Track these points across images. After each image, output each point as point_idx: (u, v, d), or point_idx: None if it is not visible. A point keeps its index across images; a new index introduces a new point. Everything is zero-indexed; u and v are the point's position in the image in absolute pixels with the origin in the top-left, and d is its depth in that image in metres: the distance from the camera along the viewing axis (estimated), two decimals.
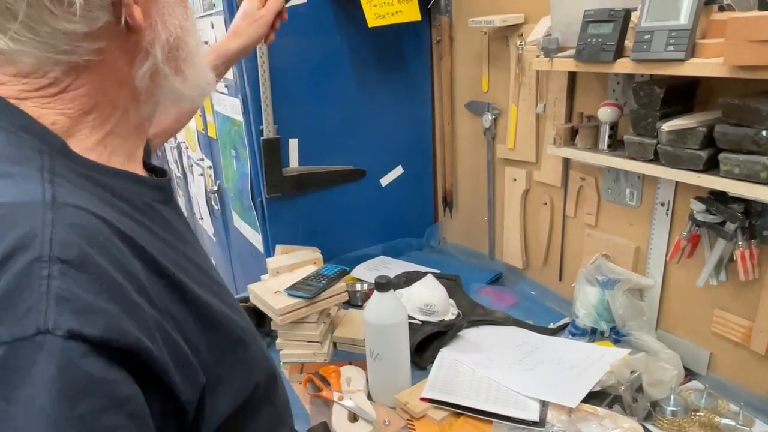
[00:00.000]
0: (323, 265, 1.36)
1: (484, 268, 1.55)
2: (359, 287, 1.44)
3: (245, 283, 1.30)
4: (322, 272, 1.24)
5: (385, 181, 1.63)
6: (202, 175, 2.03)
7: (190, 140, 2.11)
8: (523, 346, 1.15)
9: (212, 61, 0.95)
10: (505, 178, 1.43)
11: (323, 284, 1.17)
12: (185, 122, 1.11)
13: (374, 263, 1.60)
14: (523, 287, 1.44)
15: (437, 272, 1.48)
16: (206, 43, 1.52)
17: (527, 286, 1.44)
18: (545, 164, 1.31)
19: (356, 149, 1.55)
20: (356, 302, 1.39)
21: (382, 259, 1.64)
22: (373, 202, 1.62)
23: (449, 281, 1.42)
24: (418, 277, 1.35)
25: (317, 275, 1.22)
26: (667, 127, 0.91)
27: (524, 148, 1.35)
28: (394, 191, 1.65)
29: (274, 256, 1.45)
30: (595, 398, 0.97)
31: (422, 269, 1.50)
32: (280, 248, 1.47)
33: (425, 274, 1.37)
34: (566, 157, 1.19)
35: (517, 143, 1.37)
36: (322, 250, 1.46)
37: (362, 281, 1.47)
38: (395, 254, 1.66)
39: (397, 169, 1.64)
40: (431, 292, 1.26)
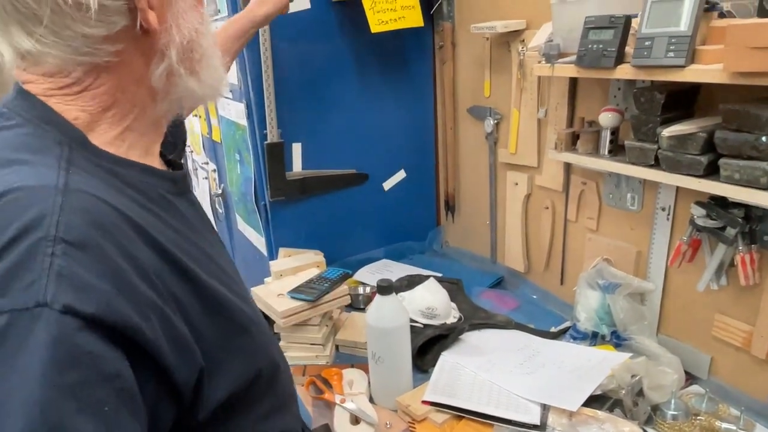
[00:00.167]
0: (326, 268, 1.37)
1: (485, 271, 1.56)
2: (362, 290, 1.45)
3: (248, 285, 1.28)
4: (324, 275, 1.25)
5: (387, 185, 1.64)
6: (206, 178, 2.04)
7: (194, 144, 2.13)
8: (524, 349, 1.15)
9: (243, 25, 1.09)
10: (506, 182, 1.44)
11: (326, 287, 1.18)
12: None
13: (377, 266, 1.61)
14: (524, 291, 1.45)
15: (439, 276, 1.49)
16: None
17: (529, 289, 1.44)
18: (547, 169, 1.32)
19: (359, 153, 1.56)
20: (359, 305, 1.40)
21: (384, 262, 1.65)
22: (375, 205, 1.63)
23: (451, 285, 1.42)
24: (420, 280, 1.36)
25: (320, 278, 1.23)
26: (667, 132, 0.92)
27: (526, 152, 1.36)
28: (396, 195, 1.66)
29: (277, 259, 1.46)
30: (595, 402, 0.97)
31: (424, 273, 1.51)
32: (283, 251, 1.48)
33: (427, 277, 1.38)
34: (567, 162, 1.19)
35: (518, 148, 1.37)
36: (325, 253, 1.47)
37: (365, 284, 1.48)
38: (398, 258, 1.67)
39: (399, 173, 1.65)
40: (433, 295, 1.26)
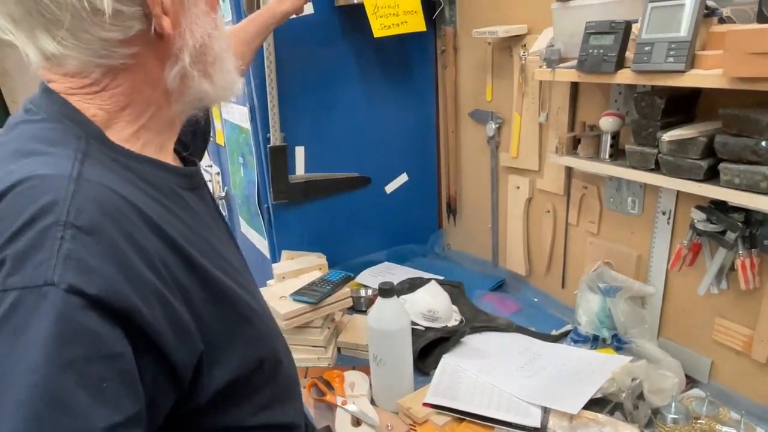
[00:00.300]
0: (328, 270, 1.38)
1: (487, 274, 1.56)
2: (363, 293, 1.45)
3: None
4: (326, 278, 1.26)
5: (390, 188, 1.65)
6: (210, 181, 2.06)
7: None
8: (525, 352, 1.16)
9: (263, 22, 1.12)
10: (508, 185, 1.45)
11: (328, 290, 1.19)
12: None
13: (379, 269, 1.62)
14: (526, 294, 1.45)
15: (441, 278, 1.49)
16: None
17: (530, 293, 1.45)
18: (548, 173, 1.32)
19: (361, 157, 1.57)
20: (360, 308, 1.41)
21: (386, 265, 1.65)
22: (377, 208, 1.64)
23: (452, 288, 1.43)
24: (421, 283, 1.37)
25: (322, 281, 1.24)
26: (667, 137, 0.93)
27: (527, 156, 1.36)
28: (398, 198, 1.66)
29: (280, 261, 1.47)
30: (596, 405, 0.97)
31: (426, 275, 1.51)
32: (285, 254, 1.49)
33: (429, 280, 1.38)
34: (568, 165, 1.20)
35: (520, 152, 1.38)
36: (327, 256, 1.47)
37: (366, 287, 1.48)
38: (400, 260, 1.67)
39: (401, 176, 1.66)
40: (434, 298, 1.27)
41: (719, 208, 0.94)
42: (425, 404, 1.01)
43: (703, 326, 1.05)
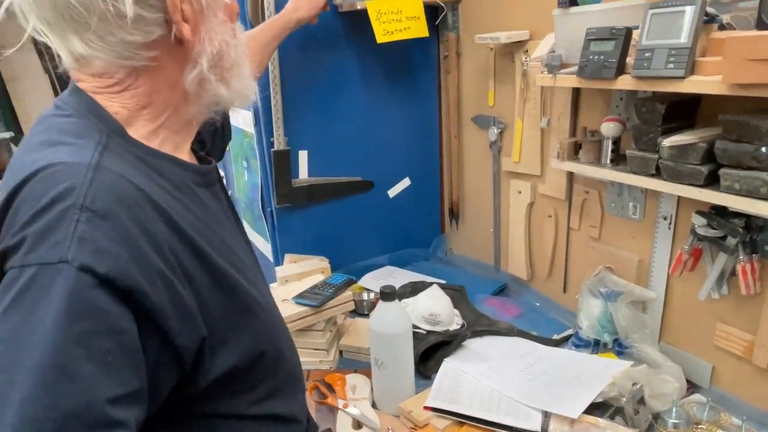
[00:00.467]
0: (330, 274, 1.39)
1: (489, 279, 1.57)
2: (366, 296, 1.46)
3: None
4: (329, 281, 1.26)
5: (392, 192, 1.66)
6: None
7: None
8: (526, 356, 1.16)
9: (278, 28, 1.17)
10: (510, 190, 1.45)
11: (330, 293, 1.20)
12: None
13: (381, 273, 1.62)
14: (527, 298, 1.46)
15: (443, 282, 1.49)
16: None
17: (532, 297, 1.45)
18: (550, 177, 1.33)
19: (364, 161, 1.58)
20: (363, 311, 1.41)
21: (389, 269, 1.66)
22: (380, 213, 1.65)
23: (454, 291, 1.43)
24: (423, 287, 1.37)
25: (324, 284, 1.25)
26: (668, 142, 0.93)
27: (529, 161, 1.37)
28: (401, 202, 1.67)
29: (283, 264, 1.48)
30: (597, 409, 0.97)
31: (428, 279, 1.52)
32: (288, 257, 1.50)
33: (431, 284, 1.39)
34: (570, 170, 1.20)
35: (522, 157, 1.39)
36: (330, 259, 1.48)
37: (369, 290, 1.49)
38: (402, 264, 1.68)
39: (404, 180, 1.67)
40: (436, 302, 1.27)
41: (720, 213, 0.95)
42: (426, 408, 1.01)
43: (704, 331, 1.05)
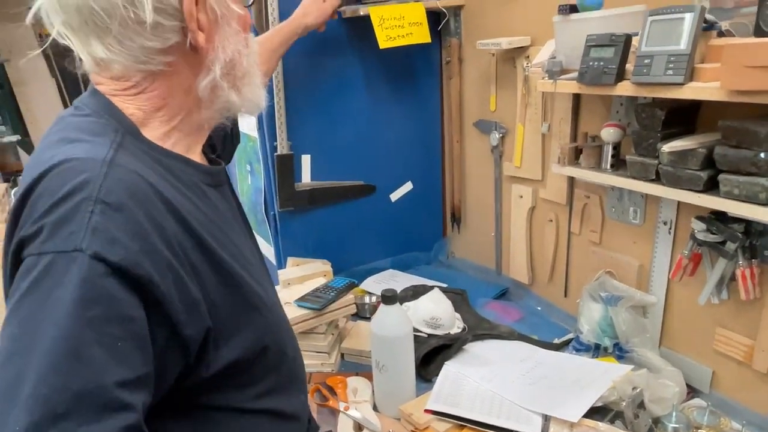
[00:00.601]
0: (333, 277, 1.40)
1: (490, 282, 1.57)
2: (368, 300, 1.47)
3: None
4: (331, 284, 1.27)
5: (394, 196, 1.67)
6: None
7: None
8: (527, 360, 1.17)
9: (287, 33, 1.21)
10: (511, 195, 1.46)
11: (332, 296, 1.21)
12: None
13: (383, 276, 1.63)
14: (529, 302, 1.46)
15: (445, 286, 1.50)
16: None
17: (533, 301, 1.46)
18: (551, 182, 1.34)
19: (367, 165, 1.59)
20: (365, 314, 1.42)
21: (390, 272, 1.67)
22: (382, 216, 1.65)
23: (456, 295, 1.44)
24: (424, 290, 1.38)
25: (326, 287, 1.26)
26: (667, 148, 0.94)
27: (530, 166, 1.38)
28: (403, 206, 1.68)
29: (285, 268, 1.49)
30: (597, 413, 0.98)
31: (430, 283, 1.53)
32: (291, 260, 1.51)
33: (432, 287, 1.40)
34: (570, 175, 1.21)
35: (523, 161, 1.40)
36: (332, 262, 1.49)
37: (371, 294, 1.50)
38: (404, 268, 1.69)
39: (406, 184, 1.68)
40: (437, 305, 1.28)
41: (719, 218, 0.95)
42: (427, 411, 1.02)
43: (704, 336, 1.05)
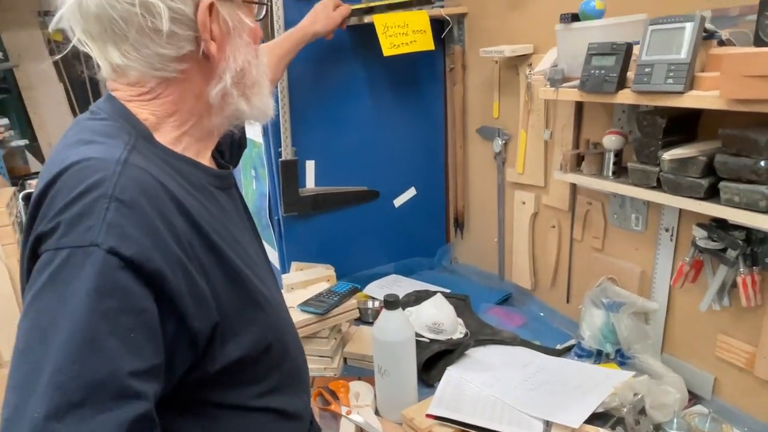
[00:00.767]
0: (336, 282, 1.41)
1: (493, 288, 1.58)
2: (371, 304, 1.47)
3: None
4: (334, 289, 1.28)
5: (398, 201, 1.68)
6: None
7: None
8: (529, 366, 1.17)
9: (296, 40, 1.24)
10: (514, 201, 1.47)
11: (335, 301, 1.22)
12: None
13: (386, 281, 1.64)
14: (531, 308, 1.47)
15: (447, 291, 1.51)
16: None
17: (536, 307, 1.46)
18: (553, 189, 1.34)
19: (371, 171, 1.60)
20: (367, 319, 1.43)
21: (394, 277, 1.67)
22: (386, 222, 1.67)
23: (458, 300, 1.45)
24: (427, 295, 1.39)
25: (329, 292, 1.27)
26: (668, 155, 0.94)
27: (533, 172, 1.39)
28: (406, 212, 1.69)
29: (289, 272, 1.50)
30: (598, 419, 0.98)
31: (433, 288, 1.53)
32: (295, 265, 1.52)
33: (435, 293, 1.40)
34: (573, 182, 1.22)
35: (526, 168, 1.40)
36: (336, 267, 1.50)
37: (374, 299, 1.51)
38: (407, 273, 1.70)
39: (410, 190, 1.69)
40: (440, 310, 1.29)
41: (720, 226, 0.95)
42: (428, 415, 1.02)
43: (706, 342, 1.05)
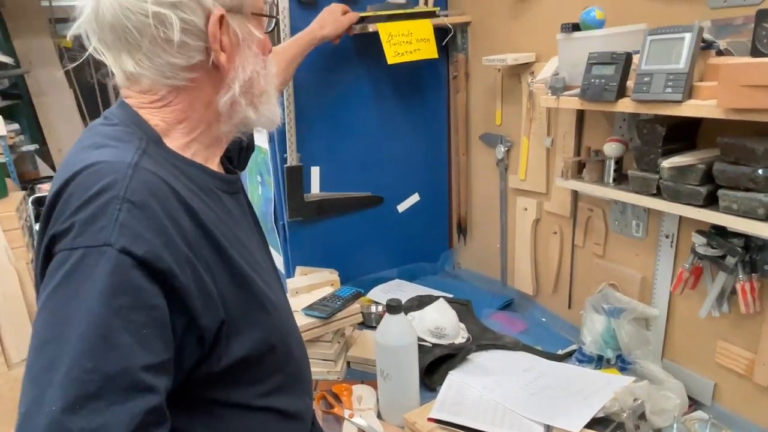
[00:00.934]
0: (340, 286, 1.42)
1: (496, 293, 1.59)
2: (374, 309, 1.49)
3: None
4: (337, 294, 1.30)
5: (401, 207, 1.70)
6: None
7: None
8: (530, 371, 1.18)
9: (303, 45, 1.27)
10: (516, 207, 1.48)
11: (338, 305, 1.23)
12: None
13: (389, 286, 1.66)
14: (534, 313, 1.47)
15: (450, 296, 1.52)
16: None
17: (538, 312, 1.47)
18: (555, 195, 1.36)
19: (375, 177, 1.62)
20: (371, 323, 1.44)
21: (397, 282, 1.69)
22: (389, 227, 1.68)
23: (461, 306, 1.46)
24: (430, 300, 1.40)
25: (333, 296, 1.28)
26: (668, 163, 0.96)
27: (535, 179, 1.40)
28: (410, 217, 1.71)
29: (294, 276, 1.52)
30: (598, 424, 0.99)
31: (436, 293, 1.55)
32: (299, 270, 1.54)
33: (437, 297, 1.42)
34: (574, 189, 1.23)
35: (528, 174, 1.42)
36: (339, 272, 1.52)
37: (377, 303, 1.52)
38: (410, 278, 1.71)
39: (413, 196, 1.71)
40: (442, 315, 1.30)
41: (719, 233, 0.96)
42: (430, 419, 1.03)
43: (705, 349, 1.06)
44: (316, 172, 1.54)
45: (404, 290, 1.61)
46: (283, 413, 0.70)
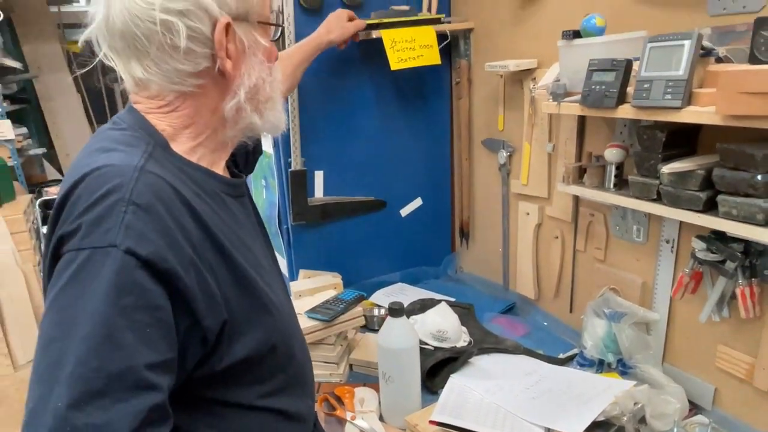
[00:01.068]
0: (342, 290, 1.44)
1: (498, 297, 1.60)
2: (376, 312, 1.50)
3: None
4: (340, 297, 1.31)
5: (404, 211, 1.71)
6: None
7: None
8: (531, 374, 1.19)
9: (309, 50, 1.29)
10: (518, 212, 1.49)
11: (341, 308, 1.24)
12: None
13: (392, 290, 1.67)
14: (535, 317, 1.48)
15: (452, 300, 1.53)
16: None
17: (539, 316, 1.48)
18: (557, 200, 1.37)
19: (378, 181, 1.64)
20: (373, 326, 1.45)
21: (400, 285, 1.70)
22: (392, 231, 1.70)
23: (462, 309, 1.47)
24: (432, 304, 1.41)
25: (336, 299, 1.29)
26: (668, 169, 0.97)
27: (537, 184, 1.41)
28: (413, 222, 1.72)
29: (297, 279, 1.53)
30: (599, 428, 0.99)
31: (438, 297, 1.56)
32: (303, 273, 1.55)
33: (439, 301, 1.43)
34: (575, 194, 1.24)
35: (530, 179, 1.43)
36: (343, 275, 1.53)
37: (380, 306, 1.53)
38: (413, 282, 1.72)
39: (416, 200, 1.72)
40: (444, 319, 1.31)
41: (719, 238, 0.97)
42: (432, 422, 1.04)
43: (706, 353, 1.07)
44: (319, 176, 1.55)
45: (407, 294, 1.62)
46: (284, 414, 0.71)
